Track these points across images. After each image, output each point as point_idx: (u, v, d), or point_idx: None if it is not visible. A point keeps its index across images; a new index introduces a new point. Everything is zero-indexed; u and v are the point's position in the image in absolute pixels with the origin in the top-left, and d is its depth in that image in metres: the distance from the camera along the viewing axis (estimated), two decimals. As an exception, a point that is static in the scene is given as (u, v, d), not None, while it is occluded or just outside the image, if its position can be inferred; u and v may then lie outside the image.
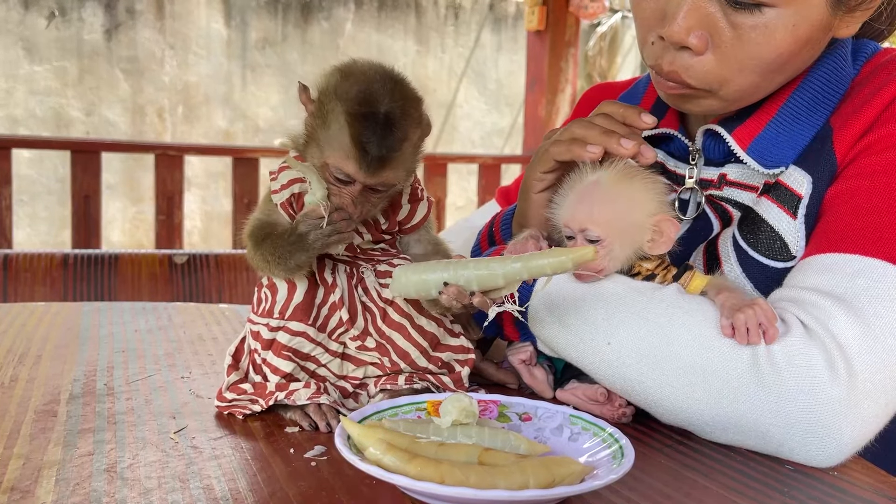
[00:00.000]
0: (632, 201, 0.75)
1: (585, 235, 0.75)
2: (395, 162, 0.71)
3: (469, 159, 4.42)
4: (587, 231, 0.75)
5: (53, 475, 0.62)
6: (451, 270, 0.70)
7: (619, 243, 0.75)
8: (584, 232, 0.75)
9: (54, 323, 1.15)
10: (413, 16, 6.07)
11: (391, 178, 0.72)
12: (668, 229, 0.75)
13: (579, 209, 0.76)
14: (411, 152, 0.73)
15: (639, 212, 0.75)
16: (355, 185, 0.72)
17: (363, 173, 0.71)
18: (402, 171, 0.73)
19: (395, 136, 0.70)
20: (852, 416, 0.68)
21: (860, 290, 0.71)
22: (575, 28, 3.98)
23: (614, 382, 0.76)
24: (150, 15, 5.41)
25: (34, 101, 5.21)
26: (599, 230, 0.75)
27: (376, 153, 0.69)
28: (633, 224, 0.75)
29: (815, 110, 0.83)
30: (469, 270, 0.69)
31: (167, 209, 3.25)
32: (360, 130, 0.69)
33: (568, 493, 0.56)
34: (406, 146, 0.72)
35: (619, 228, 0.75)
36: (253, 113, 5.66)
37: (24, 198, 5.11)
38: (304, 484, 0.61)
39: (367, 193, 0.73)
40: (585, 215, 0.75)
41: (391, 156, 0.70)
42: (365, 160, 0.70)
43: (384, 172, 0.71)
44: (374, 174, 0.71)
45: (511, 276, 0.68)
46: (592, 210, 0.75)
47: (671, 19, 0.77)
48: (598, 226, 0.75)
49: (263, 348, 0.76)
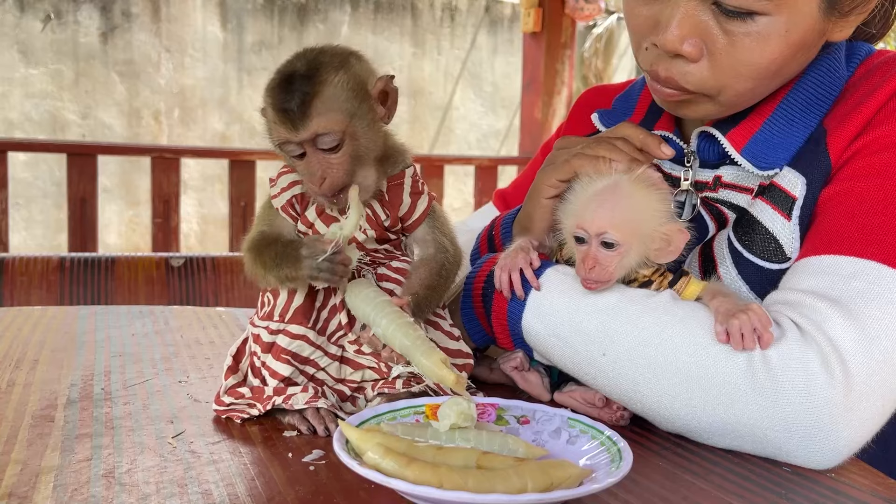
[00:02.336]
0: (649, 209, 0.74)
1: (602, 239, 0.73)
2: (317, 107, 0.71)
3: (465, 161, 4.42)
4: (605, 235, 0.73)
5: (51, 481, 0.62)
6: (374, 312, 0.71)
7: (634, 250, 0.74)
8: (601, 236, 0.73)
9: (51, 327, 1.14)
10: (409, 18, 6.07)
11: (326, 125, 0.71)
12: (677, 239, 0.75)
13: (599, 213, 0.73)
14: (337, 94, 0.72)
15: (654, 220, 0.74)
16: (307, 153, 0.72)
17: (293, 130, 0.71)
18: (336, 115, 0.72)
19: (304, 83, 0.71)
20: (849, 418, 0.68)
21: (855, 293, 0.71)
22: (571, 30, 3.99)
23: (611, 392, 0.76)
24: (145, 18, 5.41)
25: (30, 105, 5.20)
26: (619, 235, 0.73)
27: (290, 105, 0.70)
28: (648, 232, 0.74)
29: (809, 112, 0.83)
30: (383, 321, 0.70)
31: (164, 212, 3.25)
32: (274, 96, 0.72)
33: (566, 496, 0.56)
34: (324, 88, 0.71)
35: (638, 235, 0.74)
36: (249, 116, 5.66)
37: (19, 201, 5.10)
38: (303, 488, 0.61)
39: (321, 157, 0.72)
40: (606, 220, 0.73)
41: (307, 102, 0.70)
42: (287, 117, 0.71)
43: (313, 120, 0.70)
44: (302, 125, 0.71)
45: (402, 350, 0.69)
46: (614, 215, 0.73)
47: (664, 28, 0.77)
48: (618, 231, 0.73)
49: (263, 351, 0.76)
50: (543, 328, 0.78)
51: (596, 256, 0.74)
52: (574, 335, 0.76)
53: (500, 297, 0.81)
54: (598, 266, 0.74)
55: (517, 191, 1.16)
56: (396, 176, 0.79)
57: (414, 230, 0.81)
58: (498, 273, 0.80)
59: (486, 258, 0.86)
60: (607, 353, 0.74)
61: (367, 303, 0.72)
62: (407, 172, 0.80)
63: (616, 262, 0.74)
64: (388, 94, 0.76)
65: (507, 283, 0.79)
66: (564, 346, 0.77)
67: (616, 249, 0.73)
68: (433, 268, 0.79)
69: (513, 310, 0.80)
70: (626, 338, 0.73)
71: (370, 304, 0.72)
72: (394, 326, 0.69)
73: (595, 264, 0.74)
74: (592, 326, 0.75)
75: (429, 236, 0.81)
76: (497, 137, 6.44)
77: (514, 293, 0.79)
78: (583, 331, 0.75)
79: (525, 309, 0.79)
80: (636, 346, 0.73)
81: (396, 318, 0.70)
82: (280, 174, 0.78)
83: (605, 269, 0.74)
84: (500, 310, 0.81)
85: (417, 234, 0.81)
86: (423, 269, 0.79)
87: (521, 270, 0.79)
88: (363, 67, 0.75)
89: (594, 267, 0.74)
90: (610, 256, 0.74)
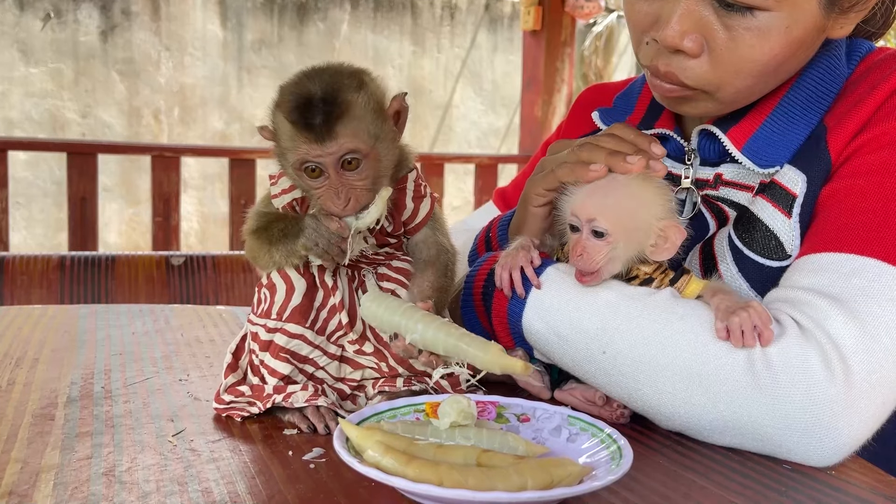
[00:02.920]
0: (643, 202, 0.74)
1: (592, 226, 0.73)
2: (342, 125, 0.70)
3: (465, 159, 4.42)
4: (595, 222, 0.73)
5: (52, 479, 0.62)
6: (405, 320, 0.69)
7: (625, 242, 0.74)
8: (591, 223, 0.73)
9: (51, 326, 1.14)
10: (409, 16, 6.07)
11: (349, 144, 0.71)
12: (674, 236, 0.74)
13: (591, 199, 0.74)
14: (362, 115, 0.72)
15: (648, 214, 0.74)
16: (326, 172, 0.72)
17: (316, 146, 0.70)
18: (362, 134, 0.71)
19: (329, 101, 0.70)
20: (849, 415, 0.68)
21: (856, 290, 0.71)
22: (571, 28, 3.99)
23: (611, 390, 0.76)
24: (145, 17, 5.40)
25: (30, 104, 5.20)
26: (608, 224, 0.73)
27: (316, 121, 0.70)
28: (640, 225, 0.74)
29: (809, 109, 0.83)
30: (418, 327, 0.68)
31: (164, 211, 3.24)
32: (296, 113, 0.71)
33: (566, 494, 0.56)
34: (349, 108, 0.71)
35: (627, 226, 0.73)
36: (249, 114, 5.66)
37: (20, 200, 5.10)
38: (303, 486, 0.61)
39: (343, 177, 0.72)
40: (596, 207, 0.73)
41: (333, 119, 0.70)
42: (311, 133, 0.70)
43: (336, 139, 0.70)
44: (326, 142, 0.70)
45: (449, 351, 0.67)
46: (605, 202, 0.73)
47: (665, 23, 0.77)
48: (607, 219, 0.73)
49: (261, 349, 0.76)
50: (544, 326, 0.78)
51: (584, 244, 0.74)
52: (574, 333, 0.76)
53: (500, 295, 0.81)
54: (586, 254, 0.73)
55: (517, 189, 1.16)
56: (400, 180, 0.79)
57: (416, 233, 0.81)
58: (499, 271, 0.80)
59: (486, 256, 0.86)
60: (607, 351, 0.74)
61: (392, 312, 0.70)
62: (409, 176, 0.80)
63: (605, 253, 0.74)
64: (400, 113, 0.76)
65: (507, 282, 0.79)
66: (565, 344, 0.77)
67: (605, 239, 0.73)
68: (439, 269, 0.79)
69: (513, 308, 0.80)
70: (627, 335, 0.73)
71: (396, 312, 0.69)
72: (433, 329, 0.67)
73: (583, 252, 0.73)
74: (593, 324, 0.75)
75: (430, 238, 0.81)
76: (497, 136, 6.44)
77: (515, 291, 0.79)
78: (583, 329, 0.75)
79: (526, 307, 0.79)
80: (636, 344, 0.73)
81: (431, 321, 0.68)
82: (281, 174, 0.78)
83: (592, 259, 0.73)
84: (501, 308, 0.81)
85: (419, 237, 0.81)
86: (430, 271, 0.79)
87: (521, 269, 0.79)
88: (377, 86, 0.75)
89: (581, 255, 0.73)
90: (598, 246, 0.73)
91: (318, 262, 0.74)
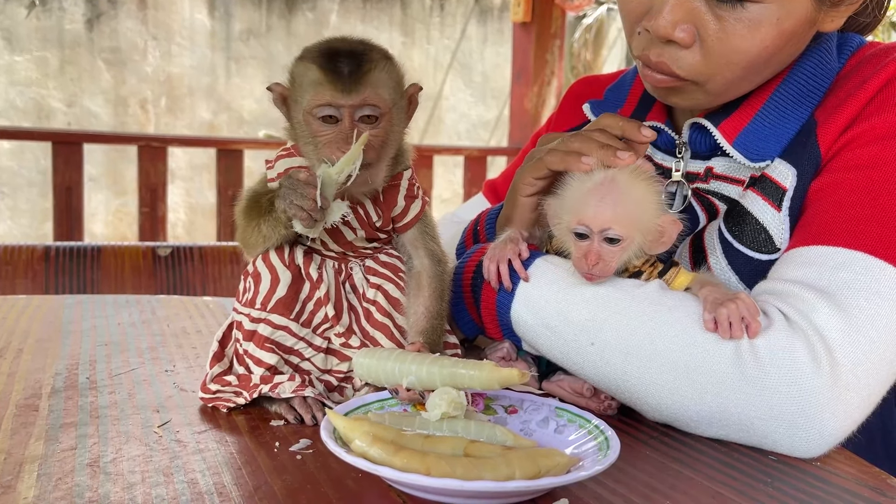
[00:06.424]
0: (646, 202, 0.74)
1: (605, 235, 0.73)
2: (369, 78, 0.71)
3: (455, 151, 4.42)
4: (609, 231, 0.73)
5: (35, 470, 0.61)
6: (398, 364, 0.69)
7: (635, 243, 0.74)
8: (604, 232, 0.73)
9: (36, 316, 1.13)
10: (398, 7, 6.04)
11: (373, 97, 0.72)
12: (671, 230, 0.75)
13: (602, 209, 0.73)
14: (387, 79, 0.73)
15: (652, 213, 0.74)
16: (343, 119, 0.72)
17: (341, 93, 0.71)
18: (384, 94, 0.73)
19: (360, 55, 0.72)
20: (835, 407, 0.68)
21: (843, 283, 0.72)
22: (561, 20, 3.98)
23: (599, 382, 0.76)
24: (132, 5, 5.35)
25: (14, 92, 5.15)
26: (622, 230, 0.73)
27: (346, 68, 0.70)
28: (648, 225, 0.74)
29: (800, 104, 0.83)
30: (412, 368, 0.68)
31: (151, 201, 3.22)
32: (327, 59, 0.72)
33: (553, 483, 0.56)
34: (377, 66, 0.72)
35: (639, 229, 0.74)
36: (237, 105, 5.63)
37: (4, 190, 5.05)
38: (290, 477, 0.61)
39: (359, 126, 0.72)
40: (609, 216, 0.73)
41: (362, 70, 0.71)
42: (339, 79, 0.71)
43: (362, 89, 0.71)
44: (351, 91, 0.71)
45: (446, 381, 0.67)
46: (616, 210, 0.73)
47: (657, 13, 0.77)
48: (621, 226, 0.73)
49: (245, 339, 0.75)
50: (532, 318, 0.78)
51: (599, 252, 0.73)
52: (563, 325, 0.76)
53: (489, 287, 0.81)
54: (602, 262, 0.73)
55: (507, 181, 1.15)
56: (394, 177, 0.79)
57: (405, 232, 0.81)
58: (487, 264, 0.80)
59: (475, 248, 0.86)
60: (595, 343, 0.74)
61: (384, 361, 0.70)
62: (405, 175, 0.80)
63: (618, 257, 0.74)
64: (411, 102, 0.77)
65: (495, 274, 0.79)
66: (553, 335, 0.77)
67: (619, 244, 0.73)
68: (435, 292, 0.78)
69: (502, 300, 0.80)
70: (615, 327, 0.73)
71: (389, 360, 0.70)
72: (426, 366, 0.68)
73: (598, 260, 0.73)
74: (581, 316, 0.75)
75: (419, 242, 0.81)
76: (487, 128, 6.43)
77: (503, 284, 0.79)
78: (571, 320, 0.75)
79: (514, 299, 0.79)
80: (624, 336, 0.73)
81: (423, 359, 0.69)
82: (278, 157, 0.77)
83: (608, 265, 0.74)
84: (489, 300, 0.81)
85: (408, 236, 0.81)
86: (424, 295, 0.78)
87: (509, 261, 0.79)
88: (399, 66, 0.77)
89: (597, 263, 0.73)
90: (613, 251, 0.74)
91: (299, 227, 0.72)
